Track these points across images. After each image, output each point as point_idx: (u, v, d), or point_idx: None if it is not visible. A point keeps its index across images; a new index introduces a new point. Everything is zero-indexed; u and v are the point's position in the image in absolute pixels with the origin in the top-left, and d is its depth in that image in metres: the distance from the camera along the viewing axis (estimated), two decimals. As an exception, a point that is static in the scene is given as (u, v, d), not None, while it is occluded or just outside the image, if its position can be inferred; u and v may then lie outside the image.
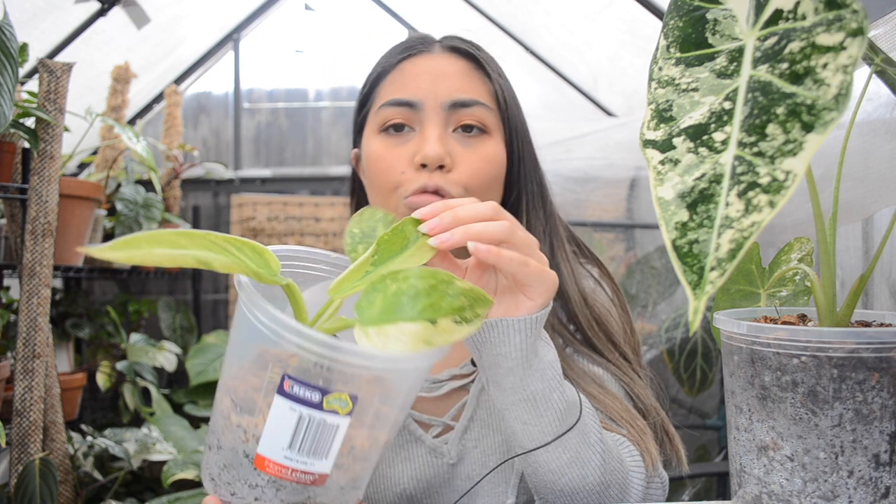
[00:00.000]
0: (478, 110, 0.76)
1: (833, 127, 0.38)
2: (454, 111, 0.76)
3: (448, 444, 0.78)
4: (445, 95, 0.76)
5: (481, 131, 0.77)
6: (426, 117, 0.75)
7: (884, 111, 0.80)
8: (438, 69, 0.77)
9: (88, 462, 1.67)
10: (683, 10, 0.51)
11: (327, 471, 0.50)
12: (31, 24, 1.95)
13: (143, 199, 2.24)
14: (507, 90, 0.80)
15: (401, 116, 0.76)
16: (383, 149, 0.76)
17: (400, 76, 0.78)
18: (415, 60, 0.78)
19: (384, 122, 0.77)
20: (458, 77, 0.77)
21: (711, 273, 0.38)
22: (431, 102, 0.75)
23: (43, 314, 1.32)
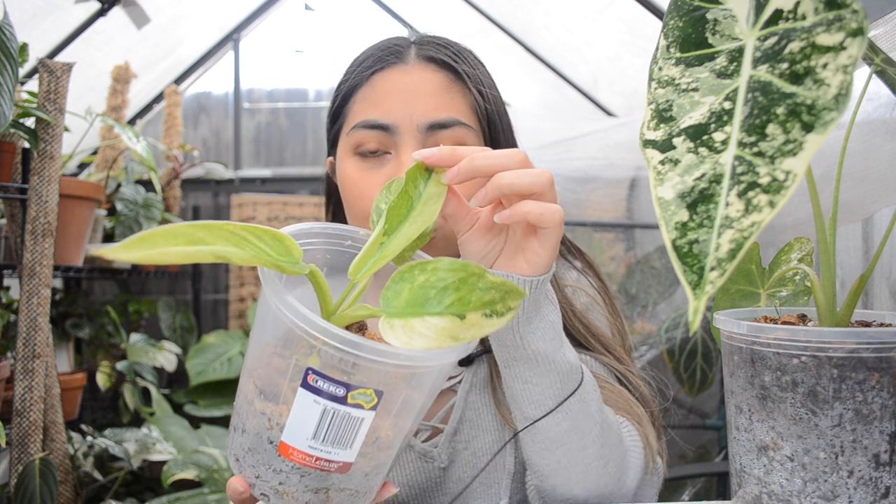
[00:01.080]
0: (457, 131, 0.71)
1: (833, 127, 0.38)
2: (432, 133, 0.70)
3: (438, 447, 0.76)
4: (422, 116, 0.70)
5: None
6: (401, 141, 0.70)
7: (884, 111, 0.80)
8: (413, 86, 0.71)
9: (88, 462, 1.67)
10: (683, 10, 0.51)
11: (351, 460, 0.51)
12: (31, 24, 1.95)
13: (143, 199, 2.24)
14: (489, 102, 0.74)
15: (374, 140, 0.71)
16: (357, 174, 0.72)
17: (371, 93, 0.72)
18: (388, 74, 0.72)
19: (357, 145, 0.72)
20: (435, 94, 0.71)
21: (711, 273, 0.38)
22: (407, 125, 0.70)
23: (43, 314, 1.32)
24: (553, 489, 0.67)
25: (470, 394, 0.76)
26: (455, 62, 0.73)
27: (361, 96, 0.73)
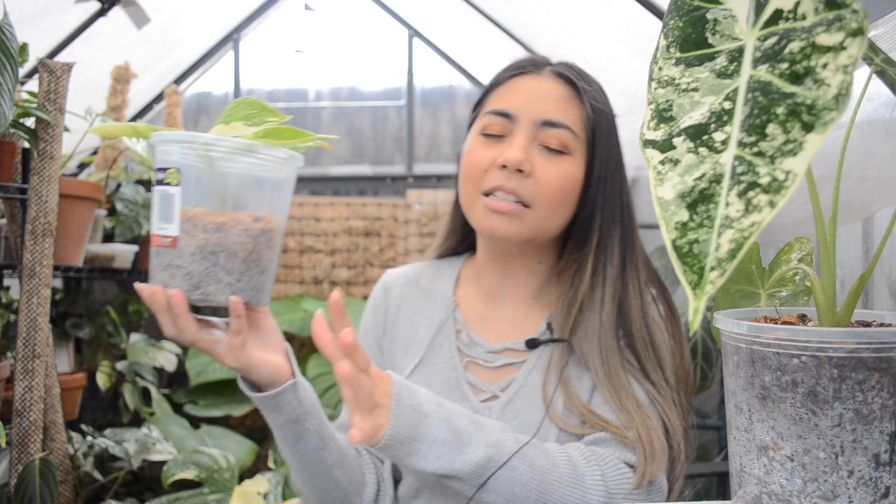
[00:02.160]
0: (563, 133, 0.85)
1: (833, 127, 0.38)
2: (543, 129, 0.85)
3: (491, 410, 0.87)
4: (539, 114, 0.85)
5: (561, 152, 0.86)
6: (518, 129, 0.86)
7: (884, 111, 0.80)
8: (540, 90, 0.87)
9: (88, 462, 1.68)
10: (683, 10, 0.51)
11: (176, 233, 0.71)
12: (31, 24, 1.95)
13: (143, 199, 2.24)
14: (600, 120, 0.88)
15: (499, 125, 0.87)
16: (477, 147, 0.88)
17: (507, 90, 0.89)
18: (523, 78, 0.89)
19: (485, 127, 0.88)
20: (553, 100, 0.86)
21: (711, 273, 0.38)
22: (525, 117, 0.86)
23: (43, 314, 1.32)
24: None
25: (531, 373, 0.88)
26: (577, 80, 0.89)
27: (499, 91, 0.90)
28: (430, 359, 0.93)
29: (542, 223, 0.86)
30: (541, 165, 0.85)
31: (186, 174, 0.70)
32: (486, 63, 3.06)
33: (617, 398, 0.81)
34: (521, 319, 0.92)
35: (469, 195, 0.88)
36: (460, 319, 0.94)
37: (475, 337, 0.92)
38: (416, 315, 0.98)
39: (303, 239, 3.07)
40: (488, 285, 0.94)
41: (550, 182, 0.84)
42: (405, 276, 1.03)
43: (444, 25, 3.06)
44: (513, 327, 0.92)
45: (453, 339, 0.93)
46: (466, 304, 0.96)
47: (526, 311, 0.93)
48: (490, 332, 0.93)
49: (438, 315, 0.95)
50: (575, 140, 0.86)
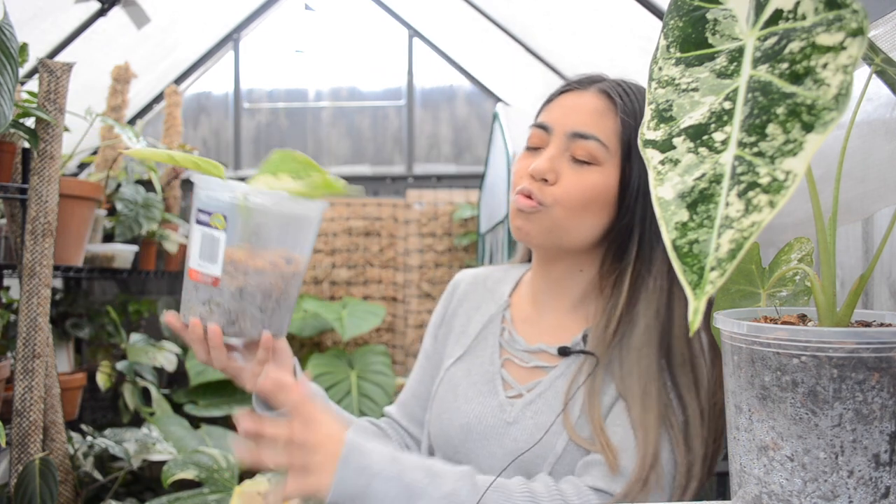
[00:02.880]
0: (591, 144, 0.88)
1: (833, 127, 0.38)
2: (573, 140, 0.89)
3: (514, 406, 0.91)
4: (571, 126, 0.89)
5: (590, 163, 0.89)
6: (552, 140, 0.90)
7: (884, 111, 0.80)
8: (577, 104, 0.91)
9: (88, 462, 1.68)
10: (683, 10, 0.51)
11: (218, 274, 0.77)
12: (31, 24, 1.95)
13: (143, 199, 2.24)
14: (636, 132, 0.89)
15: (538, 137, 0.92)
16: (521, 158, 0.95)
17: (551, 105, 0.94)
18: (567, 95, 0.93)
19: (528, 140, 0.94)
20: (587, 114, 0.89)
21: (711, 273, 0.38)
22: (559, 129, 0.90)
23: (43, 314, 1.32)
24: None
25: (558, 380, 0.91)
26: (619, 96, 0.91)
27: (546, 107, 0.95)
28: (474, 350, 1.00)
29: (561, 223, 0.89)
30: (566, 174, 0.89)
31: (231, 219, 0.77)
32: (487, 63, 3.06)
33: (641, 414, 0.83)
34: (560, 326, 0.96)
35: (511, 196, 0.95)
36: (508, 318, 1.01)
37: (516, 335, 0.98)
38: (473, 311, 1.05)
39: (303, 239, 3.07)
40: (535, 290, 1.00)
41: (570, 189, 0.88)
42: (475, 275, 1.11)
43: (444, 25, 3.06)
44: (552, 332, 0.96)
45: (498, 336, 0.99)
46: (517, 306, 1.02)
47: (566, 319, 0.96)
48: (530, 333, 0.98)
49: (490, 312, 1.03)
50: (604, 151, 0.88)
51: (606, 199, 0.89)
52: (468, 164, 3.19)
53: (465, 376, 0.98)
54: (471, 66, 3.13)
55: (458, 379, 0.98)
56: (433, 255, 3.10)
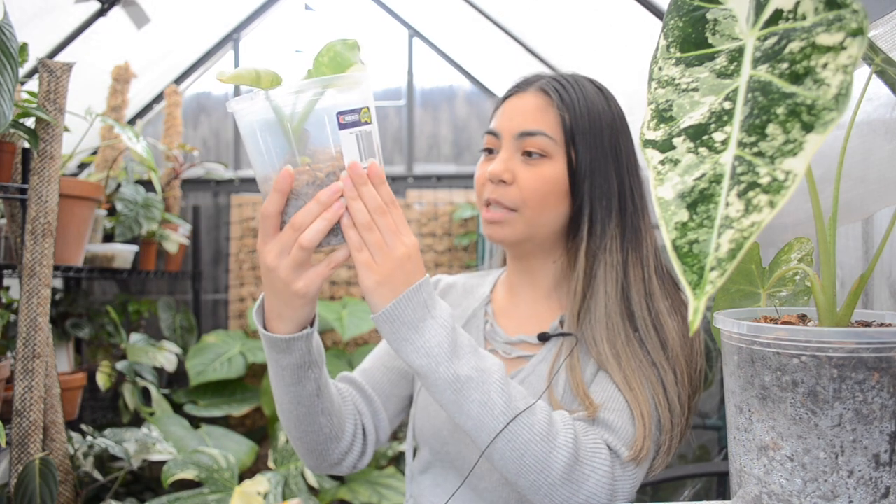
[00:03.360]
0: (539, 139, 0.94)
1: (833, 127, 0.38)
2: (522, 139, 0.95)
3: None
4: (517, 127, 0.95)
5: (541, 156, 0.94)
6: (503, 144, 0.96)
7: (884, 111, 0.80)
8: (520, 106, 0.97)
9: (88, 462, 1.68)
10: (683, 10, 0.51)
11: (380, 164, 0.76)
12: (31, 24, 1.95)
13: (143, 199, 2.24)
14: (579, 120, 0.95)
15: (491, 142, 0.98)
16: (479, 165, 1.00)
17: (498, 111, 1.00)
18: (511, 99, 0.99)
19: (483, 146, 1.00)
20: (530, 113, 0.95)
21: (711, 273, 0.38)
22: (507, 132, 0.96)
23: (43, 314, 1.32)
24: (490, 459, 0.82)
25: (540, 365, 0.96)
26: (552, 90, 0.96)
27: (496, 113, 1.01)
28: None
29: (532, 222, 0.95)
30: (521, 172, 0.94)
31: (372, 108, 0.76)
32: (487, 63, 3.06)
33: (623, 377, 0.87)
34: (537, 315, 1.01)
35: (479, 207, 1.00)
36: (490, 312, 1.05)
37: (497, 327, 1.02)
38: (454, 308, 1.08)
39: (303, 239, 3.07)
40: (512, 283, 1.05)
41: (529, 185, 0.93)
42: (454, 280, 1.15)
43: (444, 25, 3.06)
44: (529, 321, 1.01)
45: (482, 328, 1.03)
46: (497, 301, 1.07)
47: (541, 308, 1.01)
48: (509, 324, 1.02)
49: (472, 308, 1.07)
50: (552, 144, 0.94)
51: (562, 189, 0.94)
52: (468, 164, 3.19)
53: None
54: (471, 66, 3.13)
55: None
56: (433, 255, 3.10)
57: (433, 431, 0.99)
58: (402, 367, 1.06)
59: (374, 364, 1.08)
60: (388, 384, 1.06)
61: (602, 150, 0.96)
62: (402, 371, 1.07)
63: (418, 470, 1.04)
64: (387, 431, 1.05)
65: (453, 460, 0.98)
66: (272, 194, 0.74)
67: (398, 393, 1.07)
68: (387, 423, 1.05)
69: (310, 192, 0.74)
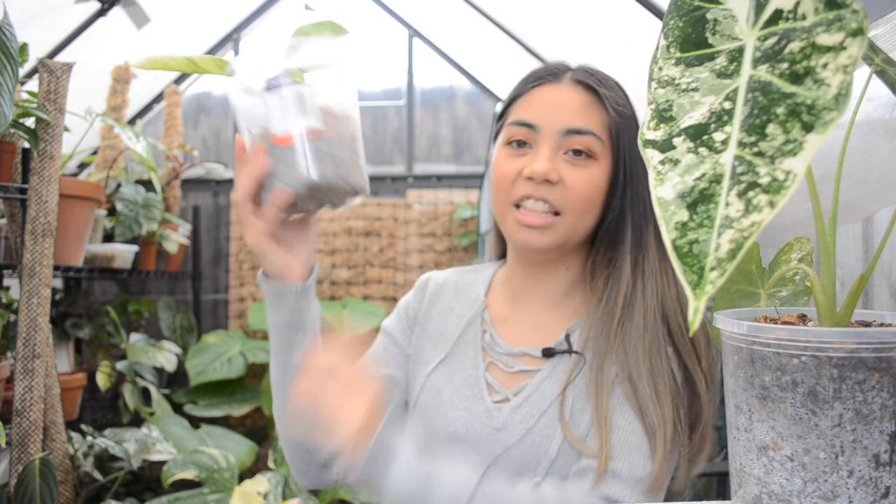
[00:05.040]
0: (588, 139, 0.87)
1: (833, 127, 0.38)
2: (568, 137, 0.87)
3: (501, 411, 0.90)
4: (563, 123, 0.88)
5: (588, 157, 0.88)
6: (542, 139, 0.88)
7: (884, 111, 0.80)
8: (561, 100, 0.89)
9: (88, 462, 1.68)
10: (683, 10, 0.51)
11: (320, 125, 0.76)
12: (31, 24, 1.95)
13: (143, 199, 2.24)
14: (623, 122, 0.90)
15: (523, 135, 0.89)
16: (504, 158, 0.91)
17: (528, 100, 0.91)
18: (544, 88, 0.91)
19: (509, 138, 0.91)
20: (576, 108, 0.89)
21: (711, 273, 0.38)
22: (549, 127, 0.88)
23: (43, 314, 1.32)
24: None
25: (544, 382, 0.90)
26: (597, 86, 0.90)
27: (521, 102, 0.92)
28: (455, 355, 0.97)
29: (573, 229, 0.89)
30: (567, 173, 0.87)
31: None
32: (486, 63, 3.06)
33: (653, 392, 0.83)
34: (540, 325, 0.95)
35: (501, 207, 0.92)
36: (487, 319, 0.98)
37: (497, 338, 0.95)
38: (447, 313, 1.02)
39: (303, 239, 3.07)
40: (514, 289, 0.98)
41: (579, 188, 0.87)
42: (445, 277, 1.08)
43: (444, 25, 3.06)
44: (533, 332, 0.95)
45: (479, 338, 0.97)
46: (494, 306, 1.00)
47: (548, 318, 0.95)
48: (510, 334, 0.96)
49: (468, 314, 0.99)
50: (600, 145, 0.88)
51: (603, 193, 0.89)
52: (468, 164, 3.19)
53: (447, 381, 0.95)
54: (471, 66, 3.13)
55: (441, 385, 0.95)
56: (433, 255, 3.10)
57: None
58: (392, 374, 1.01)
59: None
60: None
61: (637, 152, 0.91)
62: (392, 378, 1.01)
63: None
64: None
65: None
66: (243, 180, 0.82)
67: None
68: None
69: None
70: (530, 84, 0.93)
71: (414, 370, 1.01)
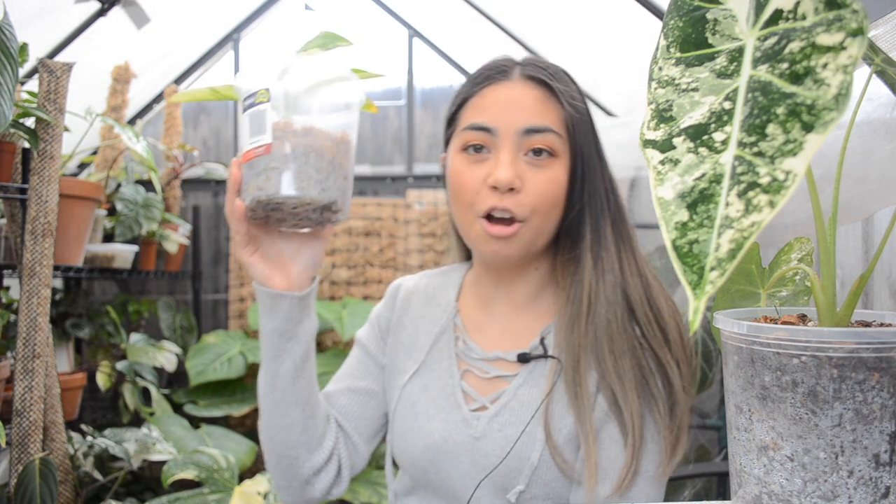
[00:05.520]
0: (548, 136, 0.85)
1: (833, 127, 0.38)
2: (527, 136, 0.84)
3: (479, 420, 0.88)
4: (520, 123, 0.84)
5: (550, 155, 0.85)
6: (501, 142, 0.85)
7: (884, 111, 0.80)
8: (515, 98, 0.86)
9: (88, 462, 1.67)
10: (683, 10, 0.51)
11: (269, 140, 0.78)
12: (31, 24, 1.95)
13: (143, 199, 2.24)
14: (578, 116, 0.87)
15: (479, 139, 0.86)
16: (462, 166, 0.87)
17: (480, 102, 0.88)
18: (495, 88, 0.88)
19: (465, 143, 0.87)
20: (531, 106, 0.85)
21: (711, 273, 0.38)
22: (506, 129, 0.85)
23: (43, 314, 1.32)
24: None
25: (522, 388, 0.88)
26: (550, 80, 0.87)
27: (471, 105, 0.89)
28: (430, 364, 0.95)
29: (539, 231, 0.86)
30: (530, 176, 0.84)
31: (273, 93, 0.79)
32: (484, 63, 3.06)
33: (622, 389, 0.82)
34: (515, 328, 0.93)
35: (465, 218, 0.88)
36: (460, 325, 0.96)
37: (470, 343, 0.93)
38: (419, 321, 0.99)
39: (303, 239, 3.07)
40: (485, 293, 0.95)
41: (542, 191, 0.84)
42: (415, 283, 1.05)
43: (444, 25, 3.06)
44: (506, 335, 0.93)
45: (453, 346, 0.94)
46: (466, 311, 0.97)
47: (521, 320, 0.93)
48: (484, 339, 0.93)
49: (440, 321, 0.97)
50: (559, 141, 0.86)
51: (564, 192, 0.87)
52: (468, 164, 3.20)
53: (422, 392, 0.93)
54: (471, 66, 3.13)
55: (416, 396, 0.93)
56: (433, 255, 3.10)
57: (412, 460, 0.92)
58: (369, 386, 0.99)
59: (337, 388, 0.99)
60: (355, 406, 0.98)
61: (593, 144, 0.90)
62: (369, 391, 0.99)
63: (402, 492, 0.98)
64: (363, 457, 0.97)
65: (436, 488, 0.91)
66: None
67: (368, 415, 0.98)
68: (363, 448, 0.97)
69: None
70: (479, 84, 0.89)
71: (389, 381, 0.99)
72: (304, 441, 0.88)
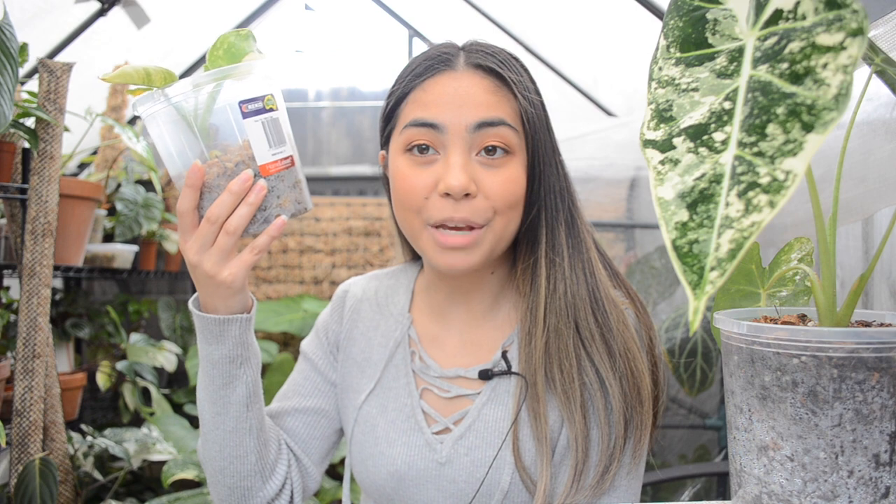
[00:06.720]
0: (502, 130, 0.75)
1: (833, 127, 0.38)
2: (478, 132, 0.75)
3: (443, 444, 0.82)
4: (470, 118, 0.75)
5: (505, 152, 0.76)
6: (450, 141, 0.75)
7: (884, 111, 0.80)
8: (463, 90, 0.76)
9: (88, 462, 1.67)
10: (683, 10, 0.51)
11: (291, 152, 0.73)
12: (31, 24, 1.95)
13: (143, 199, 2.24)
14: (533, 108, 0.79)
15: (425, 138, 0.76)
16: (408, 169, 0.77)
17: (423, 96, 0.78)
18: (438, 79, 0.77)
19: (409, 143, 0.77)
20: (481, 97, 0.76)
21: (711, 273, 0.38)
22: (455, 126, 0.75)
23: (43, 314, 1.32)
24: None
25: (486, 407, 0.82)
26: (501, 69, 0.77)
27: (413, 99, 0.78)
28: (386, 382, 0.88)
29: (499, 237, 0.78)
30: (486, 180, 0.75)
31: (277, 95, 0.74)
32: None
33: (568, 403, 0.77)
34: (474, 341, 0.86)
35: (413, 226, 0.78)
36: (415, 338, 0.88)
37: (428, 359, 0.86)
38: (371, 332, 0.92)
39: (303, 239, 3.07)
40: (437, 302, 0.88)
41: (500, 193, 0.75)
42: (363, 288, 0.97)
43: (444, 25, 3.06)
44: (465, 350, 0.86)
45: (409, 362, 0.87)
46: (420, 322, 0.89)
47: (479, 332, 0.86)
48: (442, 355, 0.86)
49: (393, 334, 0.89)
50: (515, 136, 0.76)
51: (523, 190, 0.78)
52: (468, 164, 3.20)
53: (381, 414, 0.86)
54: (471, 66, 3.14)
55: (375, 418, 0.86)
56: (433, 255, 3.10)
57: (375, 487, 0.85)
58: (318, 405, 0.92)
59: (283, 407, 0.92)
60: (304, 428, 0.91)
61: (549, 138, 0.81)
62: (318, 410, 0.92)
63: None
64: (315, 479, 0.91)
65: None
66: (184, 190, 0.70)
67: (318, 435, 0.92)
68: (314, 470, 0.90)
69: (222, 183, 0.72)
70: (421, 76, 0.79)
71: (343, 400, 0.92)
72: (258, 470, 0.82)
